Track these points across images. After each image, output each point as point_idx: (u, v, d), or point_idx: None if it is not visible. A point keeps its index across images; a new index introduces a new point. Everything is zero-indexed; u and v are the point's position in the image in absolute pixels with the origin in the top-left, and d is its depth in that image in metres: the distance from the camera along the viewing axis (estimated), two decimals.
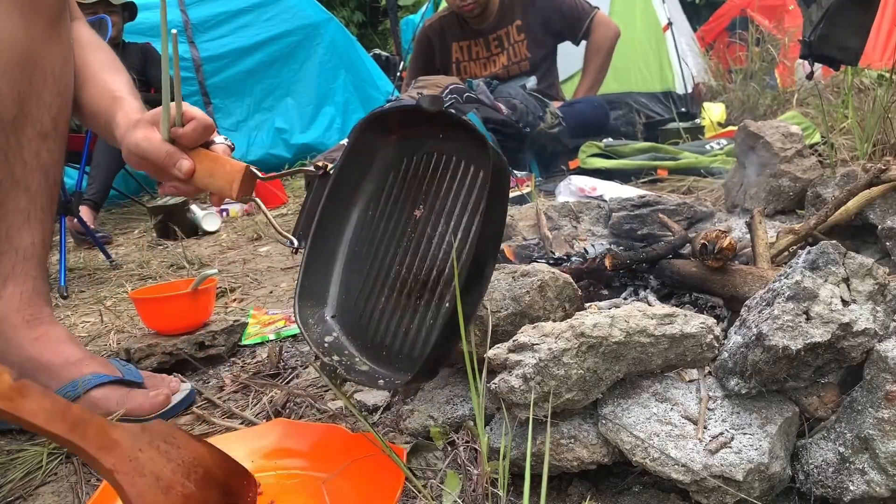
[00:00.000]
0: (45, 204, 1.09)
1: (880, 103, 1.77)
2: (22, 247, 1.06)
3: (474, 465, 0.78)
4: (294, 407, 1.06)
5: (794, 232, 1.17)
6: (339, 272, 1.00)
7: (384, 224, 0.98)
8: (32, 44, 1.01)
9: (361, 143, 0.99)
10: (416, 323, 0.89)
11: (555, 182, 2.52)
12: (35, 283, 1.08)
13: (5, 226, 1.04)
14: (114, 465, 0.61)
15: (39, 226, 1.08)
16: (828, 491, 0.68)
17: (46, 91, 1.04)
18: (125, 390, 1.08)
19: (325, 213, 0.98)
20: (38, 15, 1.01)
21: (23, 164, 1.04)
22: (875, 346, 0.67)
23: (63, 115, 1.08)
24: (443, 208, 0.92)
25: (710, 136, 2.99)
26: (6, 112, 1.00)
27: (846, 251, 0.72)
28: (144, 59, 3.95)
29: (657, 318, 0.77)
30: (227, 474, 0.72)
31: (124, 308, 1.82)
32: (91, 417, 0.61)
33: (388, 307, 0.93)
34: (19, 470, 0.95)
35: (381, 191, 1.00)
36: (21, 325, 1.06)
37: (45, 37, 1.02)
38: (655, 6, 4.73)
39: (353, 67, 5.26)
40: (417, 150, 0.98)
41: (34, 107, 1.03)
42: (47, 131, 1.05)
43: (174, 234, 2.71)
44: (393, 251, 0.95)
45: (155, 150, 0.97)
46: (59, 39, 1.05)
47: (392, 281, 0.94)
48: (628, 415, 0.74)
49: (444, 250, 0.89)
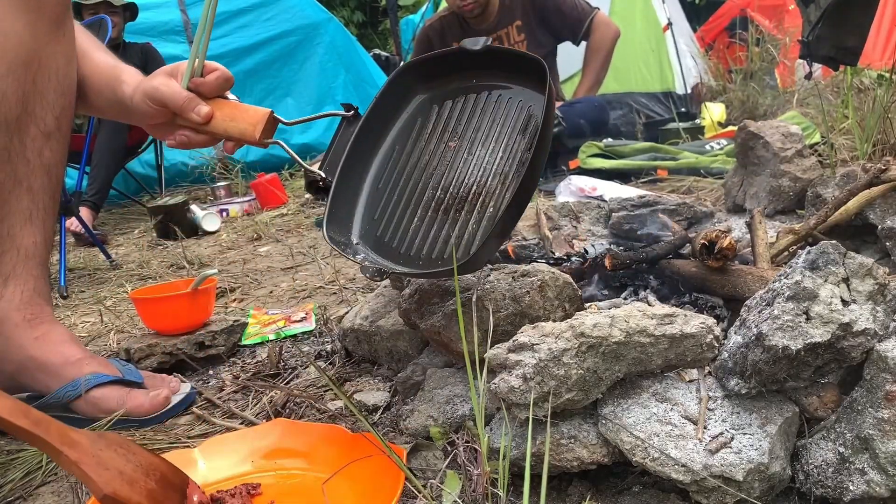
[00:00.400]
0: (48, 203, 1.09)
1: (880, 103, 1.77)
2: (24, 246, 1.06)
3: (474, 465, 0.78)
4: (294, 407, 1.06)
5: (795, 232, 1.17)
6: (363, 202, 1.06)
7: (413, 157, 1.04)
8: (37, 44, 1.01)
9: (394, 90, 1.07)
10: (458, 229, 0.96)
11: (555, 182, 2.51)
12: (36, 283, 1.08)
13: (7, 225, 1.04)
14: (78, 458, 0.64)
15: (41, 225, 1.08)
16: (828, 491, 0.68)
17: (50, 90, 1.04)
18: (125, 390, 1.08)
19: (353, 152, 1.04)
20: (42, 15, 1.01)
21: (26, 164, 1.04)
22: (875, 346, 0.67)
23: (66, 115, 1.08)
24: (483, 137, 1.01)
25: (710, 136, 2.99)
26: (10, 111, 1.00)
27: (846, 251, 0.72)
28: (145, 59, 3.95)
29: (657, 318, 0.77)
30: (182, 483, 0.74)
31: (124, 308, 1.82)
32: (51, 420, 0.64)
33: (422, 224, 1.00)
34: (19, 470, 0.95)
35: (409, 132, 1.07)
36: (22, 324, 1.06)
37: (49, 37, 1.03)
38: (655, 6, 4.73)
39: (353, 67, 5.26)
40: (449, 95, 1.05)
41: (38, 106, 1.03)
42: (50, 130, 1.06)
43: (174, 234, 2.71)
44: (425, 178, 1.02)
45: (174, 93, 1.00)
46: (62, 39, 1.05)
47: (426, 201, 1.01)
48: (628, 415, 0.74)
49: (484, 168, 0.98)
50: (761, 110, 3.61)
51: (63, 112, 1.07)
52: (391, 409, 1.02)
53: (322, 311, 1.47)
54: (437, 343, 1.00)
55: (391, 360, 1.15)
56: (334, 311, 1.52)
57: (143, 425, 1.07)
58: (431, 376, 1.00)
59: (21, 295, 1.06)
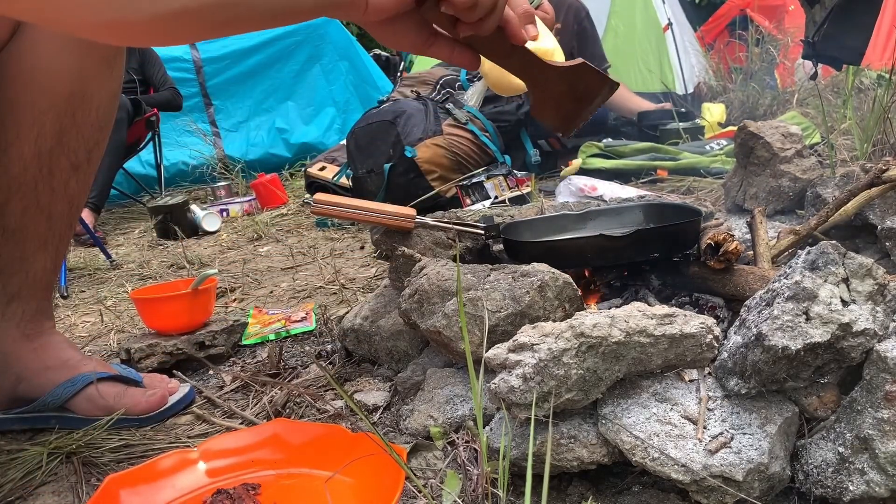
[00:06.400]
0: (64, 231, 1.09)
1: (880, 103, 1.77)
2: (33, 270, 1.06)
3: (474, 465, 0.78)
4: (294, 407, 1.06)
5: (796, 232, 1.17)
6: None
7: None
8: (83, 80, 1.01)
9: None
10: None
11: (555, 182, 2.52)
12: (40, 304, 1.09)
13: (21, 248, 1.05)
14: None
15: (54, 252, 1.08)
16: (827, 491, 0.68)
17: (88, 125, 1.04)
18: (122, 387, 1.09)
19: None
20: (91, 53, 1.01)
21: (50, 193, 1.04)
22: (874, 346, 0.67)
23: (99, 148, 1.08)
24: None
25: (710, 136, 2.99)
26: (45, 144, 1.00)
27: (846, 251, 0.72)
28: (142, 59, 3.94)
29: (657, 318, 0.77)
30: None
31: (124, 308, 1.82)
32: None
33: None
34: (19, 470, 0.95)
35: None
36: (20, 338, 1.07)
37: (96, 72, 1.02)
38: (655, 6, 4.73)
39: (353, 67, 5.25)
40: None
41: (73, 139, 1.03)
42: (80, 163, 1.06)
43: (174, 234, 2.71)
44: None
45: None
46: (110, 76, 1.05)
47: None
48: (628, 415, 0.74)
49: None
50: (761, 110, 3.61)
51: (96, 146, 1.07)
52: (391, 409, 1.02)
53: (322, 311, 1.47)
54: (437, 343, 1.00)
55: (391, 360, 1.16)
56: (334, 311, 1.52)
57: (142, 424, 1.07)
58: (431, 376, 1.00)
59: (22, 314, 1.07)
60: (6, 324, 1.06)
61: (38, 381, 1.06)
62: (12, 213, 1.01)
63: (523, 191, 2.44)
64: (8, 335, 1.06)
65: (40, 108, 0.98)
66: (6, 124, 0.97)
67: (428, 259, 1.09)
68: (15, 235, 1.03)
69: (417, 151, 2.47)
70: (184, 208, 2.93)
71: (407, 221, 1.16)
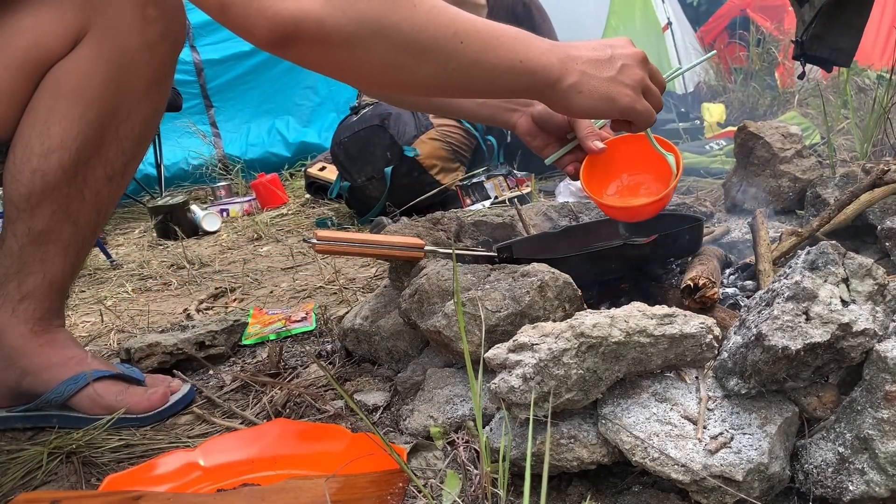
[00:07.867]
0: (88, 238, 1.10)
1: (880, 103, 1.77)
2: (51, 273, 1.07)
3: (474, 465, 0.79)
4: (294, 407, 1.06)
5: (798, 234, 1.17)
6: None
7: None
8: (133, 95, 1.03)
9: None
10: None
11: (555, 182, 2.52)
12: (52, 304, 1.10)
13: (43, 250, 1.05)
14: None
15: (75, 257, 1.09)
16: (827, 491, 0.68)
17: (130, 139, 1.06)
18: (124, 386, 1.09)
19: None
20: (147, 71, 1.02)
21: (80, 200, 1.04)
22: (874, 346, 0.67)
23: (136, 161, 1.10)
24: None
25: (710, 137, 2.99)
26: (83, 154, 1.01)
27: (846, 251, 0.72)
28: None
29: (657, 318, 0.77)
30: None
31: (124, 308, 1.82)
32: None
33: None
34: (19, 470, 0.95)
35: None
36: (28, 335, 1.07)
37: (146, 90, 1.04)
38: (655, 6, 4.73)
39: None
40: None
41: (111, 151, 1.04)
42: (115, 174, 1.07)
43: (174, 234, 2.71)
44: None
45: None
46: (158, 95, 1.07)
47: None
48: (628, 415, 0.74)
49: None
50: (761, 110, 3.61)
51: (133, 159, 1.09)
52: (391, 409, 1.03)
53: (322, 311, 1.47)
54: (437, 343, 1.00)
55: (391, 360, 1.16)
56: (334, 311, 1.52)
57: (142, 424, 1.08)
58: (431, 376, 1.00)
59: (33, 312, 1.07)
60: (16, 320, 1.06)
61: (43, 377, 1.07)
62: (41, 216, 1.02)
63: (523, 191, 2.44)
64: (16, 331, 1.07)
65: (87, 119, 1.00)
66: (52, 132, 0.99)
67: (428, 259, 1.09)
68: (39, 238, 1.04)
69: (419, 149, 2.48)
70: (184, 208, 2.93)
71: (416, 252, 1.12)
